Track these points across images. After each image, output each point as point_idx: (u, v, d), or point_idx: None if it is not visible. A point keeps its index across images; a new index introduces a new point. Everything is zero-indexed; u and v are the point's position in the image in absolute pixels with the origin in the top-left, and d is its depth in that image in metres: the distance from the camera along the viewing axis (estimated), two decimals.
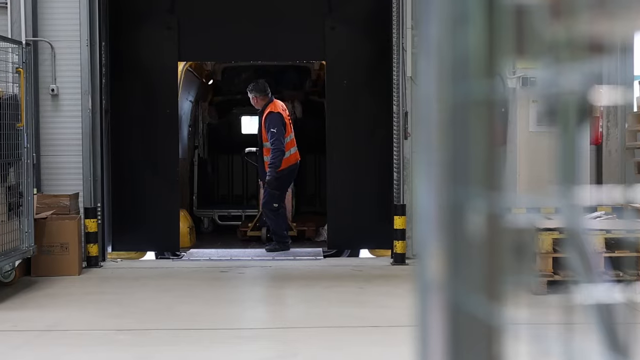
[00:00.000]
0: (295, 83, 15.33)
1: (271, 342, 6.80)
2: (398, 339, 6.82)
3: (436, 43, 1.11)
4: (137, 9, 11.23)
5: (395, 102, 10.60)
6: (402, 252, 10.39)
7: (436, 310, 1.10)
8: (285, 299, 8.65)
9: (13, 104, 9.01)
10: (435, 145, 1.12)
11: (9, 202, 8.83)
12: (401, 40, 10.51)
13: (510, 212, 1.11)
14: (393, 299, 8.33)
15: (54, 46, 10.46)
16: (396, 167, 10.64)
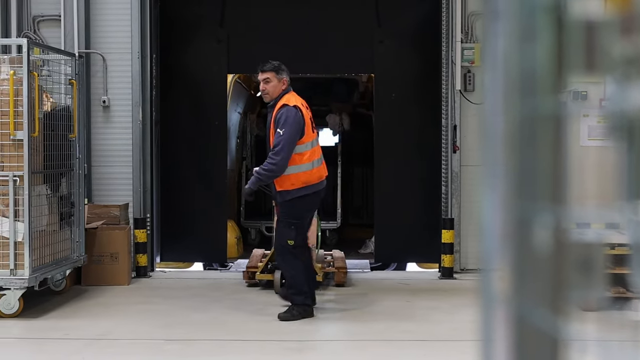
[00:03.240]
0: (344, 95, 15.35)
1: (318, 354, 6.80)
2: (444, 354, 6.79)
3: (503, 57, 1.11)
4: (188, 21, 11.33)
5: (444, 115, 10.58)
6: (450, 266, 10.34)
7: (501, 324, 1.11)
8: (331, 312, 8.65)
9: (66, 115, 9.14)
10: (501, 160, 1.13)
11: (61, 211, 8.94)
12: (450, 53, 10.49)
13: (575, 227, 1.11)
14: (440, 314, 8.29)
15: (105, 58, 10.59)
16: (444, 180, 10.61)
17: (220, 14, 11.37)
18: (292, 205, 7.86)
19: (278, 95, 7.89)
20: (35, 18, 10.65)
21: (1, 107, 7.95)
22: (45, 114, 8.59)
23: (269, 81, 7.88)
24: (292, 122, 7.64)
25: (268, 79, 7.89)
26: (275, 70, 7.93)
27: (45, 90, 8.83)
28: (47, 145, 8.54)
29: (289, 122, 7.65)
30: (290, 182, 7.77)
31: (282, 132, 7.59)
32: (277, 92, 7.88)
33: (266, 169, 7.68)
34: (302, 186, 7.82)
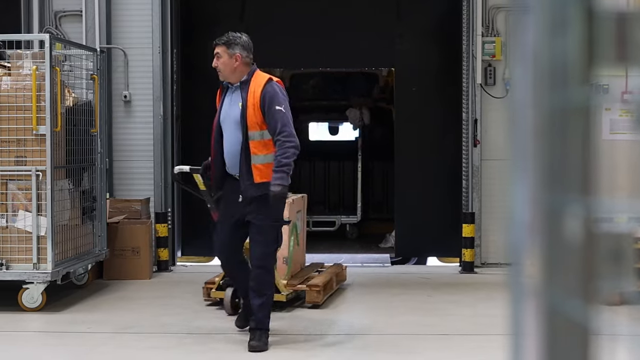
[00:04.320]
0: (364, 90, 15.34)
1: (341, 348, 6.81)
2: (466, 347, 6.79)
3: (533, 50, 1.12)
4: (208, 16, 11.35)
5: (464, 109, 10.56)
6: (471, 260, 10.33)
7: (531, 315, 1.11)
8: (352, 306, 8.66)
9: (87, 110, 9.19)
10: (531, 152, 1.13)
11: (83, 206, 8.99)
12: (471, 47, 10.47)
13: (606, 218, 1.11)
14: (462, 308, 8.29)
15: (126, 53, 10.63)
16: (465, 174, 10.59)
17: (240, 8, 11.39)
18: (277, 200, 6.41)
19: (247, 73, 6.51)
20: (57, 13, 10.71)
21: (24, 102, 8.00)
22: (68, 109, 8.64)
23: (219, 57, 6.55)
24: (286, 98, 6.49)
25: (218, 54, 6.56)
26: (227, 44, 6.55)
27: (67, 85, 8.87)
28: (69, 140, 8.59)
29: (284, 98, 6.46)
30: (271, 172, 6.35)
31: (283, 109, 6.35)
32: (243, 70, 6.50)
33: (289, 155, 6.31)
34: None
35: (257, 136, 6.38)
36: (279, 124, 6.29)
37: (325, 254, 12.20)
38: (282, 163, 6.26)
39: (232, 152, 6.49)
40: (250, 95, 6.41)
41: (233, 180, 6.54)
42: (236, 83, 6.51)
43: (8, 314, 7.90)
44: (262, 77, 6.50)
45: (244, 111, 6.40)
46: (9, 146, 8.02)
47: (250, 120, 6.36)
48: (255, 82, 6.45)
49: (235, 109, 6.46)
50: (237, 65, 6.50)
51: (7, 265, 8.01)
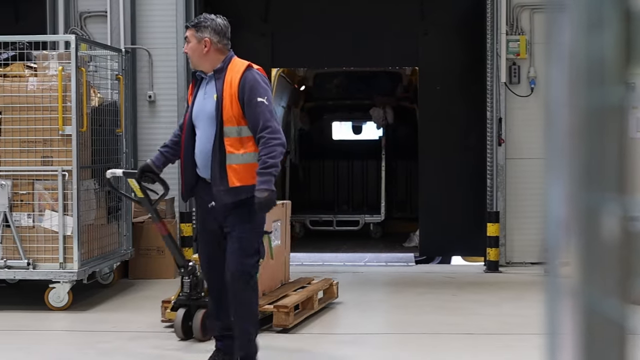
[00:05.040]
0: (387, 89, 15.33)
1: (366, 347, 6.81)
2: (492, 347, 6.77)
3: (569, 49, 1.11)
4: (232, 16, 11.29)
5: (488, 108, 10.52)
6: (496, 260, 10.30)
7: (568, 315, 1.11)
8: (378, 305, 8.66)
9: (112, 110, 9.23)
10: (567, 151, 1.13)
11: (109, 206, 9.04)
12: (495, 45, 10.43)
13: None
14: (487, 307, 8.26)
15: (151, 53, 10.67)
16: (489, 173, 10.56)
17: (264, 8, 11.41)
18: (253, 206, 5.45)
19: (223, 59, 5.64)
20: (82, 14, 10.77)
21: (50, 103, 8.05)
22: (93, 109, 8.69)
23: (188, 41, 5.77)
24: (268, 88, 5.61)
25: (187, 38, 5.79)
26: (196, 27, 5.75)
27: (92, 85, 8.92)
28: (94, 140, 8.63)
29: (266, 88, 5.56)
30: (250, 173, 5.46)
31: (265, 101, 5.44)
32: (197, 56, 5.66)
33: (276, 155, 5.37)
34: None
35: (234, 132, 5.46)
36: (261, 118, 5.37)
37: (348, 254, 12.22)
38: (268, 164, 5.29)
39: (204, 152, 5.55)
40: (227, 85, 5.50)
41: (206, 184, 5.60)
42: (209, 72, 5.62)
43: (34, 313, 7.96)
44: (240, 64, 5.59)
45: (219, 103, 5.47)
46: (36, 146, 8.07)
47: (227, 114, 5.44)
48: (232, 70, 5.55)
49: (210, 102, 5.54)
50: (206, 51, 5.63)
51: (34, 264, 8.06)
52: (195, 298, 6.78)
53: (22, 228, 8.08)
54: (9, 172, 8.08)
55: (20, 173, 8.07)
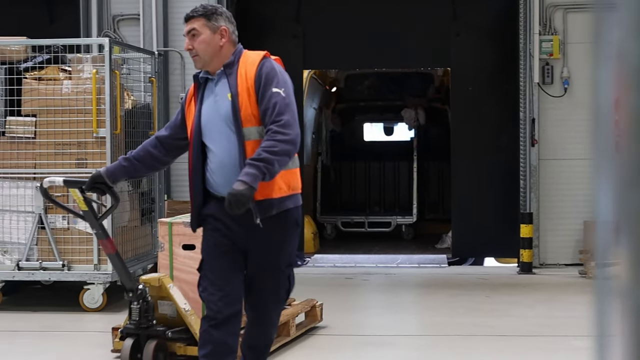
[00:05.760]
0: (419, 90, 15.31)
1: (397, 349, 6.80)
2: (526, 348, 6.73)
3: (617, 49, 1.10)
4: (264, 17, 11.40)
5: (521, 108, 10.47)
6: (529, 261, 10.24)
7: (619, 316, 1.10)
8: (410, 307, 8.64)
9: (146, 113, 9.28)
10: (615, 151, 1.12)
11: (142, 207, 9.08)
12: (528, 45, 10.38)
13: None
14: (520, 308, 8.22)
15: (183, 56, 10.71)
16: (522, 174, 10.50)
17: (296, 9, 11.43)
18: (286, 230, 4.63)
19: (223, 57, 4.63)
20: (114, 17, 10.83)
21: (84, 106, 8.11)
22: (127, 111, 8.74)
23: (196, 34, 4.63)
24: (288, 81, 4.63)
25: (194, 30, 4.64)
26: (206, 15, 4.66)
27: (126, 88, 8.97)
28: (128, 142, 8.68)
29: (285, 81, 4.59)
30: (277, 183, 4.52)
31: (282, 92, 4.48)
32: (212, 51, 4.60)
33: (277, 151, 4.34)
34: (291, 193, 4.63)
35: (255, 134, 4.50)
36: (274, 109, 4.42)
37: (380, 255, 12.21)
38: (262, 157, 4.29)
39: (224, 164, 4.54)
40: (241, 79, 4.55)
41: (220, 203, 4.46)
42: (218, 69, 4.61)
43: (69, 314, 8.02)
44: (254, 54, 4.67)
45: (235, 102, 4.51)
46: (70, 149, 8.13)
47: (245, 113, 4.49)
48: (245, 62, 4.61)
49: (224, 104, 4.55)
50: (223, 42, 4.62)
51: (69, 266, 8.12)
52: (146, 326, 5.83)
53: (57, 230, 8.15)
54: (44, 175, 8.14)
55: (55, 175, 8.12)
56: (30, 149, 8.18)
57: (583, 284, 9.52)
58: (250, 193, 4.24)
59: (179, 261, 6.25)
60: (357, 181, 15.71)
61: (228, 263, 4.57)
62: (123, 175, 5.00)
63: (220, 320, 4.53)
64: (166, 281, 6.04)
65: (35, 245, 8.18)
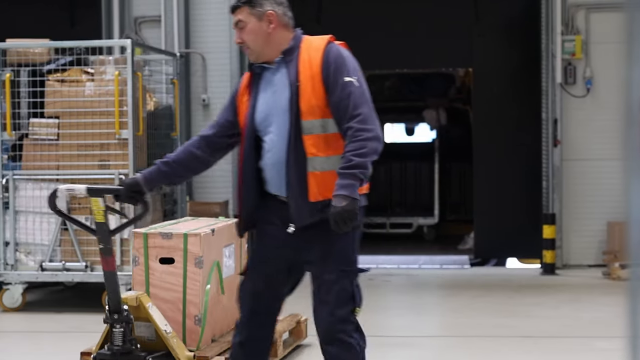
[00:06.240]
0: (440, 90, 15.27)
1: (420, 350, 6.78)
2: (550, 350, 6.70)
3: None
4: None
5: (544, 108, 10.43)
6: (552, 262, 10.19)
7: None
8: (432, 308, 8.61)
9: (168, 114, 9.30)
10: None
11: (164, 209, 9.10)
12: (550, 46, 10.33)
13: None
14: (544, 309, 8.18)
15: (205, 57, 10.73)
16: (545, 175, 10.46)
17: (316, 11, 11.43)
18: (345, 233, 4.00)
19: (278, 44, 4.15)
20: (136, 19, 10.87)
21: (107, 107, 8.13)
22: (149, 113, 8.76)
23: (243, 25, 4.16)
24: (358, 66, 4.11)
25: (241, 21, 4.16)
26: (250, 2, 4.17)
27: (148, 89, 9.00)
28: (150, 143, 8.70)
29: (355, 66, 4.09)
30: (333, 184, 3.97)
31: (356, 82, 3.99)
32: (262, 40, 4.13)
33: (366, 151, 3.90)
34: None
35: (317, 128, 4.02)
36: (351, 103, 3.93)
37: (402, 256, 12.18)
38: (353, 163, 3.87)
39: (280, 160, 4.10)
40: (304, 66, 4.06)
41: (277, 204, 4.16)
42: (275, 58, 4.15)
43: (92, 315, 8.03)
44: (318, 39, 4.17)
45: (294, 91, 4.03)
46: (93, 150, 8.16)
47: (307, 104, 4.01)
48: (309, 48, 4.12)
49: (284, 95, 4.08)
50: (272, 28, 4.14)
51: (92, 267, 8.15)
52: (126, 352, 5.07)
53: (79, 231, 8.17)
54: (67, 176, 8.18)
55: (78, 177, 8.16)
56: (53, 151, 8.21)
57: (607, 285, 9.47)
58: (354, 205, 3.86)
59: (155, 277, 5.57)
60: (379, 182, 15.68)
61: (270, 272, 4.21)
62: (162, 181, 4.55)
63: (244, 341, 4.27)
64: (145, 300, 5.37)
65: (58, 246, 8.22)
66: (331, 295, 4.08)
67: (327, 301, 4.09)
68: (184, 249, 5.54)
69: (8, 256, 8.25)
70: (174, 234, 5.57)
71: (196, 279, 5.55)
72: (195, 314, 5.62)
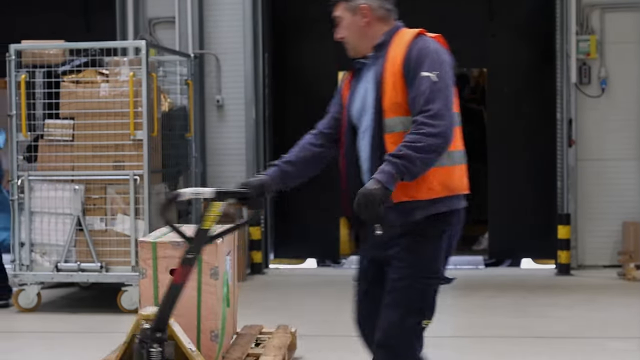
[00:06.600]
0: None
1: (433, 350, 6.76)
2: (564, 350, 6.68)
3: None
4: (298, 20, 11.41)
5: (558, 109, 10.40)
6: (567, 263, 10.15)
7: None
8: (447, 308, 8.59)
9: (182, 115, 9.32)
10: None
11: (179, 210, 9.12)
12: (565, 45, 10.30)
13: None
14: (558, 310, 8.16)
15: (219, 58, 10.75)
16: (560, 175, 10.43)
17: (330, 11, 11.41)
18: (431, 238, 3.89)
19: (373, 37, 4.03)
20: (150, 20, 10.89)
21: (121, 108, 8.15)
22: (163, 114, 8.78)
23: (340, 21, 4.12)
24: (446, 62, 3.92)
25: (338, 17, 4.14)
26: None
27: (162, 90, 9.02)
28: (165, 144, 8.72)
29: (441, 60, 3.91)
30: (425, 182, 3.85)
31: (435, 77, 3.81)
32: (357, 35, 4.06)
33: (422, 146, 3.70)
34: (446, 194, 3.91)
35: (399, 126, 3.88)
36: (423, 98, 3.76)
37: None
38: (401, 153, 3.69)
39: (366, 158, 4.00)
40: (390, 62, 3.93)
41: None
42: (370, 52, 4.07)
43: (107, 316, 8.07)
44: (408, 33, 4.03)
45: (377, 88, 3.92)
46: (108, 151, 8.18)
47: (389, 101, 3.88)
48: (398, 43, 3.98)
49: (371, 92, 3.99)
50: (365, 22, 4.06)
51: (107, 267, 8.18)
52: None
53: (94, 232, 8.20)
54: (82, 177, 8.21)
55: (93, 178, 8.19)
56: (68, 152, 8.24)
57: (622, 285, 9.43)
58: (382, 194, 3.64)
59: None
60: None
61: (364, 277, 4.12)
62: (285, 181, 4.28)
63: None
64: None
65: (73, 247, 8.25)
66: (399, 300, 3.89)
67: (393, 305, 3.90)
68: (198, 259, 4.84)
69: (23, 257, 8.29)
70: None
71: (212, 291, 5.09)
72: (212, 329, 5.24)
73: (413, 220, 3.82)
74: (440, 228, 3.87)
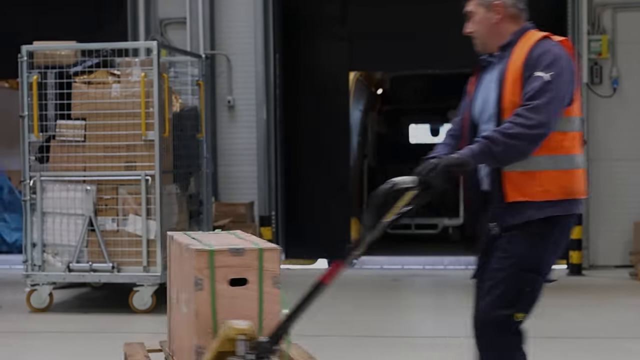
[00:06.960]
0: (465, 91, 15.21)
1: (445, 350, 6.77)
2: (574, 350, 6.67)
3: None
4: (309, 21, 11.42)
5: None
6: (578, 263, 10.14)
7: None
8: (458, 308, 8.58)
9: (193, 115, 9.33)
10: None
11: (190, 210, 9.14)
12: (576, 46, 10.28)
13: None
14: (569, 310, 8.14)
15: (230, 59, 10.77)
16: None
17: (341, 12, 11.42)
18: (540, 237, 3.87)
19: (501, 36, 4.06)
20: (162, 21, 10.93)
21: (133, 109, 8.17)
22: (174, 114, 8.79)
23: (472, 15, 4.22)
24: (566, 67, 3.85)
25: (470, 12, 4.24)
26: None
27: (174, 91, 9.03)
28: (176, 145, 8.74)
29: (560, 64, 3.83)
30: (540, 184, 3.85)
31: (548, 77, 3.77)
32: (486, 31, 4.11)
33: (513, 133, 3.72)
34: (563, 198, 3.88)
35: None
36: (530, 93, 3.77)
37: (428, 257, 12.16)
38: (489, 135, 3.74)
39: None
40: (512, 63, 3.93)
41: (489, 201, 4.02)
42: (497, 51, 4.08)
43: (119, 316, 8.09)
44: (535, 36, 4.02)
45: (499, 87, 3.90)
46: (119, 152, 8.20)
47: (507, 102, 3.86)
48: (524, 44, 3.98)
49: (493, 91, 3.97)
50: (498, 19, 4.08)
51: (119, 268, 8.19)
52: None
53: (106, 232, 8.22)
54: (94, 178, 8.23)
55: (105, 178, 8.22)
56: (80, 152, 8.27)
57: (633, 286, 9.40)
58: (461, 164, 3.73)
59: (224, 302, 4.37)
60: None
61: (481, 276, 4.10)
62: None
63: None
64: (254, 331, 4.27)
65: (85, 247, 8.27)
66: (495, 292, 3.91)
67: (489, 294, 3.94)
68: (259, 266, 4.48)
69: (35, 257, 8.32)
70: (246, 250, 4.45)
71: (275, 302, 4.60)
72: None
73: (528, 220, 3.82)
74: (552, 229, 3.86)
